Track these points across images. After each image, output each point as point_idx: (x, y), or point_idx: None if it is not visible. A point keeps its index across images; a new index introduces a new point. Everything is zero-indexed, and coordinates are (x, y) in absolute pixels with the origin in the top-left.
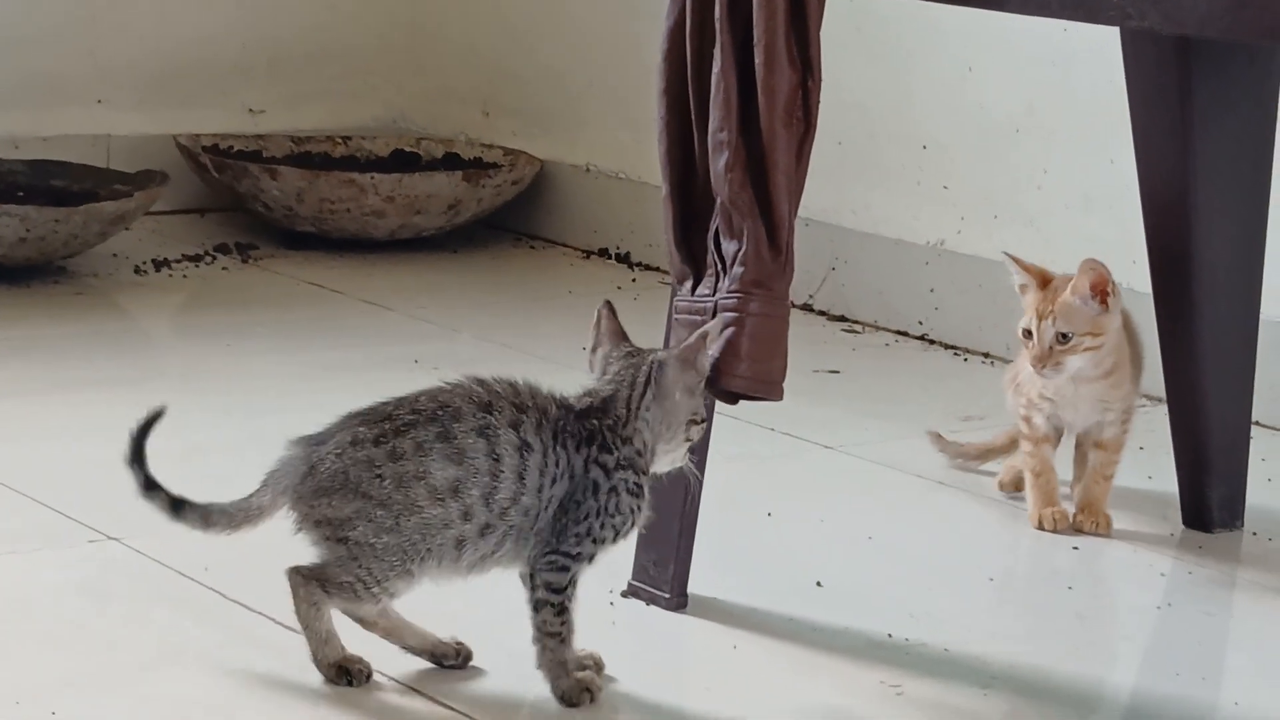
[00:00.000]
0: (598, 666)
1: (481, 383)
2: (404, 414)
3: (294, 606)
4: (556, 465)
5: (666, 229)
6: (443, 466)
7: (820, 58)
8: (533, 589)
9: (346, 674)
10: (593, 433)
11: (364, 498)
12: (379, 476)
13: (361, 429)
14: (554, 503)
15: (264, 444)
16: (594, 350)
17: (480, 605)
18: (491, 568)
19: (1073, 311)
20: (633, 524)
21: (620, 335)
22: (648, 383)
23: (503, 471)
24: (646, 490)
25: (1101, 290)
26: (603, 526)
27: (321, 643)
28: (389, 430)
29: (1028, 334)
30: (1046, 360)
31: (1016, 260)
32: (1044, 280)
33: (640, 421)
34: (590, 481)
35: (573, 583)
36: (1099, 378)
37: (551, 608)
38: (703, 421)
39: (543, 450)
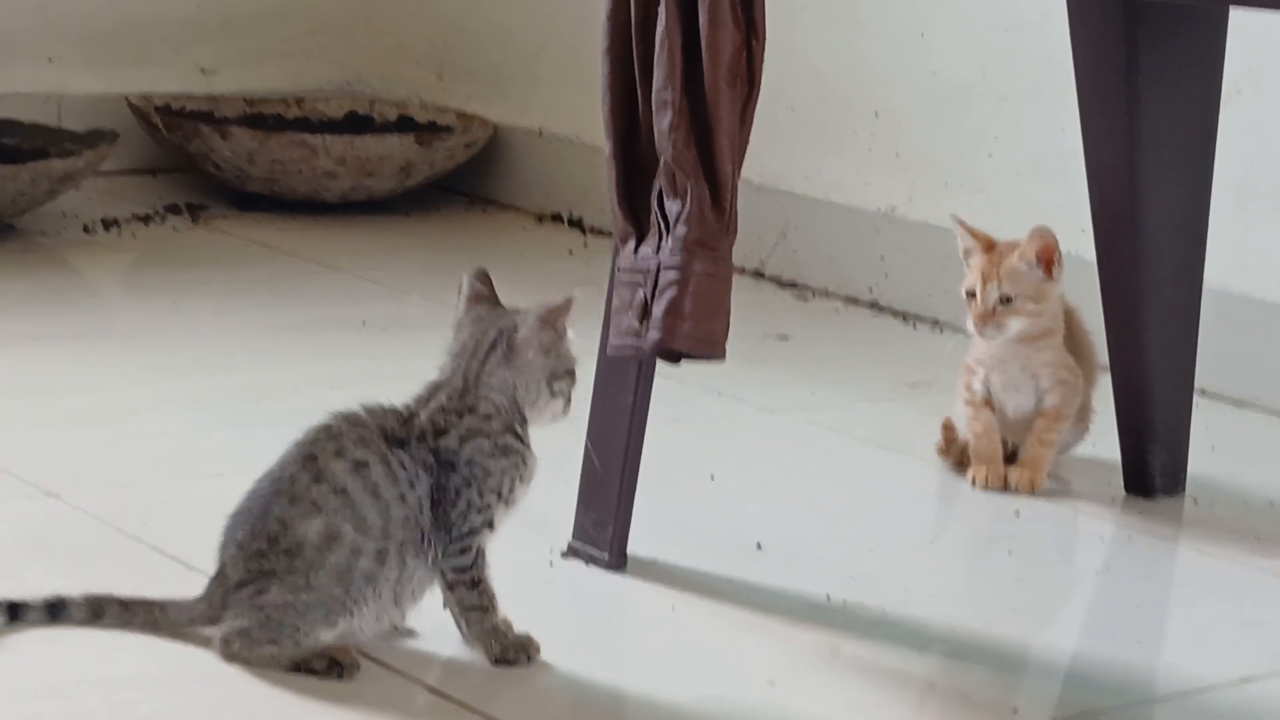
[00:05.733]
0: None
1: (321, 429)
2: (257, 506)
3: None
4: (403, 466)
5: (610, 188)
6: (307, 524)
7: (764, 17)
8: (442, 576)
9: (337, 665)
10: (424, 428)
11: (274, 577)
12: (278, 554)
13: (240, 536)
14: (425, 502)
15: (208, 404)
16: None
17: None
18: (419, 594)
19: (1018, 275)
20: (515, 479)
21: (478, 299)
22: (491, 348)
23: (354, 497)
24: (520, 443)
25: (1047, 258)
26: (481, 494)
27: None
28: (258, 527)
29: (971, 295)
30: (989, 320)
31: (963, 224)
32: (989, 245)
33: (484, 389)
34: (445, 463)
35: (479, 554)
36: (1029, 339)
37: (465, 585)
38: (568, 375)
39: (380, 458)
